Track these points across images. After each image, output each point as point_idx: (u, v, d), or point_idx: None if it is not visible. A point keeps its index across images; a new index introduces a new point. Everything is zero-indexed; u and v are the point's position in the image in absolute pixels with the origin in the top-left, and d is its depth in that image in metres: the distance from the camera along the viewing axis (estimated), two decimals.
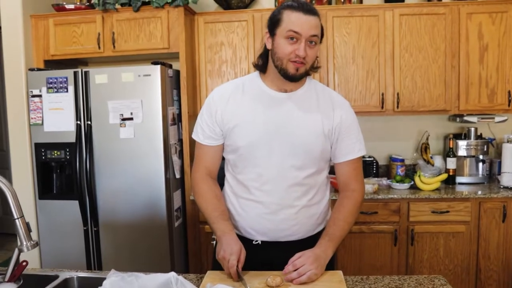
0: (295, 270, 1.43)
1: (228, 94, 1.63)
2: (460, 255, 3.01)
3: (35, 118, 2.95)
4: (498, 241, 2.99)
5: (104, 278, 1.44)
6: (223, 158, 1.73)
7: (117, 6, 3.07)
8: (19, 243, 1.26)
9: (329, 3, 3.36)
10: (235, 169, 1.65)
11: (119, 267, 2.86)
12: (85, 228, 2.93)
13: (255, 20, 3.22)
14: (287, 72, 1.51)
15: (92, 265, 2.96)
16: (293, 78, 1.53)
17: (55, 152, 2.92)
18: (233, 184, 1.67)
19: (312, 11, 1.48)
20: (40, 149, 2.95)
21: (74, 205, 2.90)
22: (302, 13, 1.46)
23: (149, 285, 1.11)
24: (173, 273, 1.16)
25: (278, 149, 1.56)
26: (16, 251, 1.43)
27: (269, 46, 1.56)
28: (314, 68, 1.59)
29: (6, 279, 1.40)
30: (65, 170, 3.01)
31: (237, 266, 1.43)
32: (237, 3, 3.31)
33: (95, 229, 2.92)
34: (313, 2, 3.35)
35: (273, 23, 1.52)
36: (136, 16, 3.07)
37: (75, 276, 1.54)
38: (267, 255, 1.62)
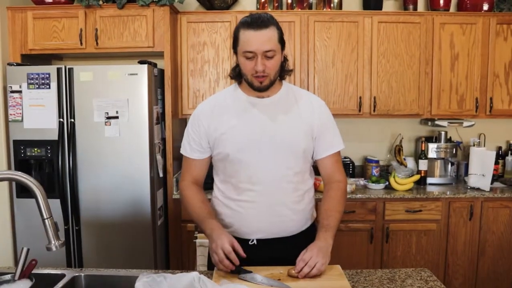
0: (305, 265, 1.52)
1: (211, 107, 1.73)
2: (431, 252, 3.19)
3: (14, 114, 2.86)
4: (465, 238, 3.20)
5: (111, 276, 1.47)
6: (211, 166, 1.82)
7: (101, 2, 3.03)
8: (47, 242, 1.27)
9: (310, 7, 3.45)
10: (226, 174, 1.73)
11: (100, 265, 2.86)
12: (66, 227, 2.88)
13: (238, 21, 3.26)
14: (253, 86, 1.63)
15: (73, 263, 2.92)
16: (260, 90, 1.64)
17: (35, 149, 2.86)
18: (224, 188, 1.75)
19: (263, 25, 1.53)
20: (19, 146, 2.87)
21: (55, 203, 2.83)
22: (252, 30, 1.53)
23: (176, 285, 1.15)
24: (195, 273, 1.20)
25: (265, 151, 1.66)
26: (25, 250, 1.43)
27: (237, 61, 1.66)
28: (286, 72, 1.70)
29: (17, 277, 1.39)
30: (44, 168, 2.94)
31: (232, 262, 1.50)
32: (219, 4, 3.35)
33: (76, 228, 2.88)
34: (294, 5, 3.44)
35: (234, 41, 1.61)
36: (120, 14, 3.04)
37: (82, 275, 1.54)
38: (264, 253, 1.69)
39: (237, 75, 1.70)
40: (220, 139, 1.67)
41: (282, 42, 1.60)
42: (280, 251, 1.62)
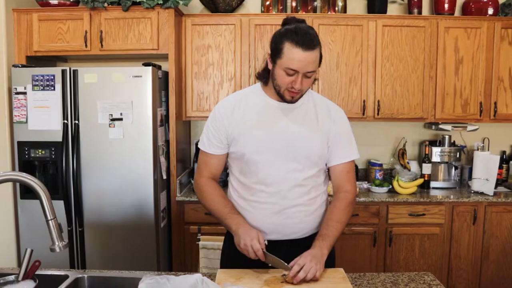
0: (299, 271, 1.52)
1: (232, 105, 1.73)
2: (434, 256, 3.18)
3: (19, 115, 2.88)
4: (469, 242, 3.19)
5: (114, 277, 1.48)
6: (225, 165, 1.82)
7: (106, 4, 3.04)
8: (51, 243, 1.27)
9: (314, 11, 3.46)
10: (241, 173, 1.74)
11: (104, 267, 2.86)
12: (69, 228, 2.89)
13: (242, 24, 3.28)
14: (283, 98, 1.65)
15: (76, 265, 2.92)
16: (289, 103, 1.66)
17: (40, 151, 2.87)
18: (238, 188, 1.76)
19: (311, 46, 1.53)
20: (24, 148, 2.88)
21: (58, 205, 2.84)
22: (301, 50, 1.52)
23: (180, 287, 1.15)
24: (199, 275, 1.21)
25: (280, 154, 1.67)
26: (28, 251, 1.43)
27: (269, 67, 1.65)
28: (313, 81, 1.69)
29: (20, 278, 1.39)
30: (49, 170, 2.95)
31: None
32: (224, 7, 3.35)
33: (80, 229, 2.89)
34: (299, 9, 3.45)
35: (275, 51, 1.59)
36: (125, 16, 3.05)
37: (85, 276, 1.55)
38: (275, 254, 1.69)
39: (264, 76, 1.71)
40: (238, 138, 1.69)
41: (321, 59, 1.61)
42: (291, 252, 1.63)
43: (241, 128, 1.69)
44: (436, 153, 3.42)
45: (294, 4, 3.47)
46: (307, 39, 1.52)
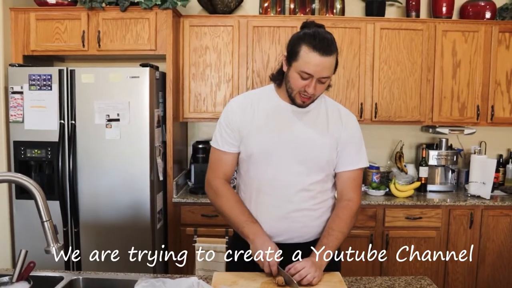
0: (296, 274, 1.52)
1: (245, 104, 1.73)
2: (430, 259, 3.17)
3: (15, 115, 2.86)
4: (465, 246, 3.18)
5: (109, 279, 1.47)
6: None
7: (104, 4, 3.03)
8: (46, 245, 1.26)
9: (312, 13, 3.46)
10: (248, 175, 1.74)
11: (99, 268, 2.83)
12: (65, 229, 2.88)
13: (240, 25, 3.27)
14: (294, 102, 1.64)
15: (71, 266, 2.91)
16: (300, 107, 1.65)
17: (36, 151, 2.85)
18: (245, 189, 1.76)
19: (329, 51, 1.53)
20: (20, 147, 2.86)
21: (54, 205, 2.83)
22: (318, 54, 1.52)
23: None
24: (194, 278, 1.20)
25: (288, 157, 1.67)
26: (23, 252, 1.42)
27: (284, 69, 1.65)
28: (327, 87, 1.69)
29: (14, 279, 1.38)
30: (45, 170, 2.94)
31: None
32: (222, 8, 3.35)
33: (75, 230, 2.88)
34: (297, 11, 3.44)
35: (291, 53, 1.59)
36: (123, 16, 3.04)
37: (80, 278, 1.54)
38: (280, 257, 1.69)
39: (278, 78, 1.71)
40: (248, 137, 1.68)
41: (336, 66, 1.61)
42: (295, 256, 1.64)
43: (250, 128, 1.68)
44: (433, 157, 3.42)
45: (292, 6, 3.46)
46: (325, 44, 1.52)
